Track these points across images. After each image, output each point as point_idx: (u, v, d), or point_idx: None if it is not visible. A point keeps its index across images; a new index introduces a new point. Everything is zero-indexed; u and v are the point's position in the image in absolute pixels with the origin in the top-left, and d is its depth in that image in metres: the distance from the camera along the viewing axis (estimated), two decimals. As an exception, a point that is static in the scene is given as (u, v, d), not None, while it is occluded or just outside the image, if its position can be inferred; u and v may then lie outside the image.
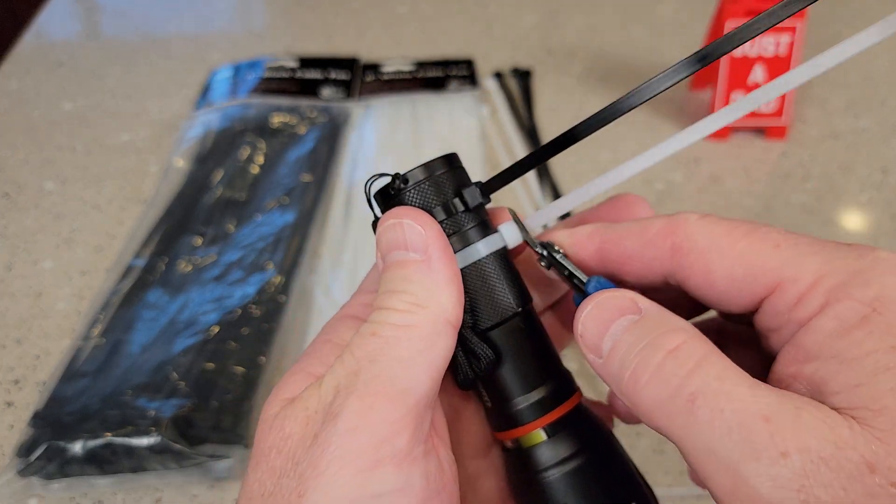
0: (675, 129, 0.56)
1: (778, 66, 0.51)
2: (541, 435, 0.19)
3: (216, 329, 0.39)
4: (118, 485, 0.34)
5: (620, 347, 0.17)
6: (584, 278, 0.20)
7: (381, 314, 0.18)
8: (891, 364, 0.14)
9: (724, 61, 0.51)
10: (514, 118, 0.57)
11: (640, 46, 0.65)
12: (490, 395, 0.20)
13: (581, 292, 0.20)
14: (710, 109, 0.53)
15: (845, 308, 0.15)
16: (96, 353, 0.38)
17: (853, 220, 0.48)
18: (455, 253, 0.20)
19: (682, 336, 0.16)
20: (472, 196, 0.20)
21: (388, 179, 0.20)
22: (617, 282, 0.20)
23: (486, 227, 0.21)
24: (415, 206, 0.20)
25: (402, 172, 0.20)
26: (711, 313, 0.22)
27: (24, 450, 0.33)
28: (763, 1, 0.49)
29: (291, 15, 0.73)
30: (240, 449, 0.34)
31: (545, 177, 0.52)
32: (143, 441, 0.33)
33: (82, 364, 0.38)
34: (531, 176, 0.52)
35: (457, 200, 0.20)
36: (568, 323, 0.24)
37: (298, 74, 0.61)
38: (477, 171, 0.51)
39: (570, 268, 0.20)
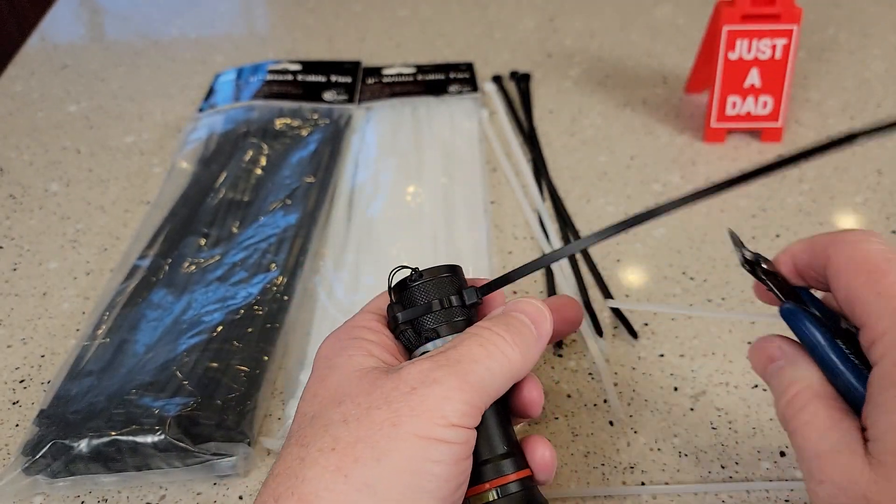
0: (672, 131, 0.56)
1: (774, 69, 0.51)
2: (492, 495, 0.24)
3: (220, 329, 0.39)
4: (123, 483, 0.35)
5: (770, 384, 0.25)
6: (779, 295, 0.25)
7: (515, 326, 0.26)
8: None
9: (720, 64, 0.52)
10: (513, 121, 0.58)
11: (637, 50, 0.66)
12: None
13: (781, 301, 0.25)
14: (707, 111, 0.54)
15: (891, 363, 0.20)
16: (101, 353, 0.39)
17: (848, 221, 0.48)
18: (449, 335, 0.26)
19: (800, 385, 0.23)
20: (470, 295, 0.26)
21: (407, 272, 0.26)
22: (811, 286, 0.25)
23: (473, 321, 0.27)
24: (429, 294, 0.26)
25: (419, 269, 0.26)
26: None
27: (30, 448, 0.34)
28: (757, 6, 0.50)
29: (293, 19, 0.73)
30: (243, 447, 0.35)
31: (544, 179, 0.52)
32: (148, 439, 0.33)
33: (87, 363, 0.38)
34: (530, 178, 0.52)
35: (455, 297, 0.26)
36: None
37: (301, 78, 0.61)
38: (476, 173, 0.52)
39: (767, 282, 0.25)
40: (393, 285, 0.27)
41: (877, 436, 0.20)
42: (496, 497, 0.24)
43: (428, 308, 0.26)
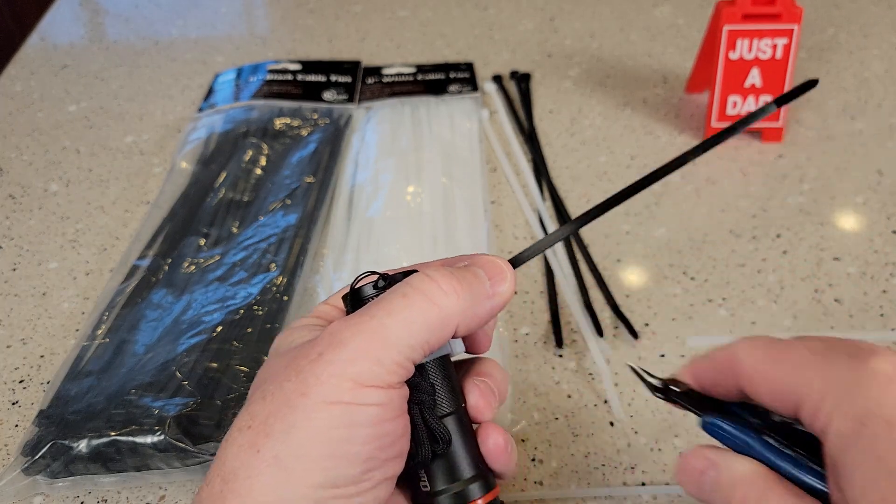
0: (672, 131, 0.56)
1: (774, 69, 0.51)
2: None
3: (220, 329, 0.39)
4: (122, 483, 0.35)
5: (716, 497, 0.22)
6: (697, 412, 0.25)
7: (418, 280, 0.24)
8: (876, 477, 0.18)
9: (720, 64, 0.52)
10: (513, 121, 0.58)
11: (637, 50, 0.66)
12: (430, 479, 0.24)
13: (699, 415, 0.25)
14: (707, 112, 0.54)
15: (839, 426, 0.19)
16: (101, 353, 0.39)
17: (849, 222, 0.48)
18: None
19: (744, 486, 0.21)
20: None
21: (374, 277, 0.25)
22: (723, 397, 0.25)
23: None
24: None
25: (386, 275, 0.24)
26: None
27: (29, 448, 0.34)
28: (758, 6, 0.50)
29: (293, 19, 0.73)
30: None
31: (544, 179, 0.52)
32: (148, 439, 0.33)
33: (87, 363, 0.38)
34: (530, 178, 0.52)
35: None
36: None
37: (301, 78, 0.61)
38: (476, 173, 0.52)
39: (684, 404, 0.25)
40: (347, 293, 0.25)
41: (855, 497, 0.18)
42: None
43: None
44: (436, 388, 0.24)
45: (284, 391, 0.21)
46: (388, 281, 0.24)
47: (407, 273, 0.24)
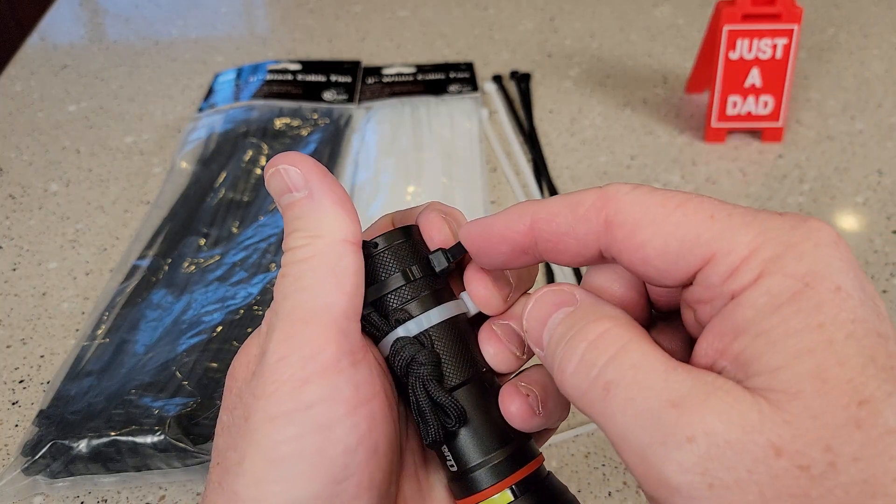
0: (672, 131, 0.56)
1: (775, 69, 0.51)
2: (507, 496, 0.20)
3: (220, 329, 0.39)
4: (122, 483, 0.35)
5: (553, 339, 0.18)
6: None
7: (286, 256, 0.20)
8: (813, 345, 0.14)
9: (720, 64, 0.52)
10: (513, 121, 0.58)
11: (638, 50, 0.66)
12: (455, 457, 0.21)
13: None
14: (708, 111, 0.54)
15: (776, 282, 0.15)
16: (101, 353, 0.39)
17: (849, 221, 0.48)
18: (425, 313, 0.21)
19: (606, 325, 0.17)
20: (438, 261, 0.21)
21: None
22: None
23: (450, 293, 0.22)
24: (385, 267, 0.21)
25: (372, 240, 0.21)
26: None
27: (29, 448, 0.34)
28: (758, 6, 0.50)
29: (294, 19, 0.73)
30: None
31: (544, 179, 0.52)
32: (148, 439, 0.33)
33: (87, 363, 0.38)
34: (530, 178, 0.52)
35: (422, 265, 0.21)
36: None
37: (301, 78, 0.61)
38: (476, 173, 0.52)
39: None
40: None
41: (769, 368, 0.14)
42: (513, 498, 0.20)
43: (395, 281, 0.21)
44: (442, 357, 0.21)
45: (234, 419, 0.19)
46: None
47: (404, 231, 0.22)
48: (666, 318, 0.21)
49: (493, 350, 0.21)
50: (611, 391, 0.16)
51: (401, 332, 0.21)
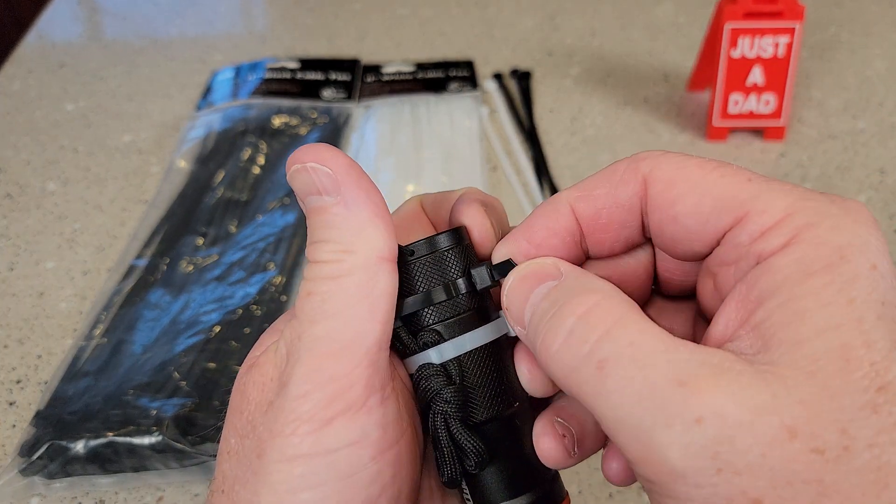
0: (674, 130, 0.56)
1: (776, 67, 0.51)
2: None
3: (218, 329, 0.39)
4: (120, 484, 0.34)
5: (536, 314, 0.16)
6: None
7: (312, 269, 0.17)
8: (842, 321, 0.13)
9: (722, 62, 0.51)
10: (513, 119, 0.57)
11: (638, 48, 0.66)
12: (475, 497, 0.19)
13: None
14: (709, 110, 0.54)
15: (811, 250, 0.14)
16: (98, 353, 0.39)
17: (851, 221, 0.48)
18: (457, 338, 0.19)
19: (596, 297, 0.15)
20: (481, 278, 0.19)
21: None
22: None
23: (488, 312, 0.19)
24: (419, 280, 0.19)
25: (409, 246, 0.19)
26: None
27: (27, 449, 0.34)
28: (760, 4, 0.49)
29: (292, 17, 0.73)
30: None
31: (545, 178, 0.52)
32: (145, 440, 0.33)
33: (84, 364, 0.38)
34: (531, 177, 0.52)
35: (463, 280, 0.19)
36: None
37: (299, 76, 0.61)
38: (476, 172, 0.51)
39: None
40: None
41: (792, 340, 0.14)
42: None
43: (425, 299, 0.19)
44: (471, 391, 0.18)
45: (245, 450, 0.17)
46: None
47: (453, 235, 0.19)
48: (669, 299, 0.20)
49: (530, 375, 0.19)
50: (606, 369, 0.14)
51: (427, 356, 0.19)
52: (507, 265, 0.19)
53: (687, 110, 0.58)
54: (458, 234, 0.19)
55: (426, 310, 0.19)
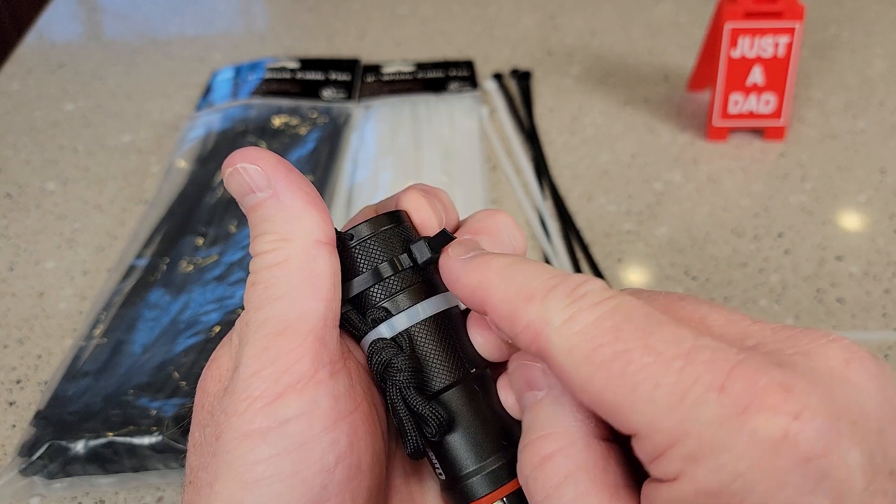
0: (674, 129, 0.56)
1: (777, 67, 0.51)
2: None
3: (218, 329, 0.39)
4: (120, 484, 0.34)
5: (525, 420, 0.18)
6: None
7: (254, 261, 0.19)
8: None
9: (722, 62, 0.51)
10: (513, 119, 0.57)
11: (639, 48, 0.65)
12: (444, 466, 0.19)
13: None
14: (709, 110, 0.54)
15: (698, 485, 0.14)
16: (98, 353, 0.39)
17: (851, 221, 0.48)
18: (404, 311, 0.19)
19: (555, 445, 0.16)
20: (421, 252, 0.20)
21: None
22: None
23: (434, 285, 0.20)
24: (362, 261, 0.20)
25: (345, 230, 0.20)
26: None
27: (26, 449, 0.34)
28: (760, 3, 0.49)
29: (292, 16, 0.73)
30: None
31: (545, 177, 0.52)
32: (145, 440, 0.33)
33: (84, 364, 0.38)
34: (531, 176, 0.52)
35: (404, 256, 0.20)
36: None
37: (299, 76, 0.61)
38: (476, 172, 0.51)
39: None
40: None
41: None
42: None
43: (368, 277, 0.19)
44: (425, 360, 0.19)
45: (206, 437, 0.18)
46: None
47: (391, 217, 0.20)
48: None
49: (483, 339, 0.19)
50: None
51: (378, 333, 0.19)
52: (444, 236, 0.20)
53: (687, 110, 0.58)
54: (396, 216, 0.20)
55: (372, 289, 0.19)
